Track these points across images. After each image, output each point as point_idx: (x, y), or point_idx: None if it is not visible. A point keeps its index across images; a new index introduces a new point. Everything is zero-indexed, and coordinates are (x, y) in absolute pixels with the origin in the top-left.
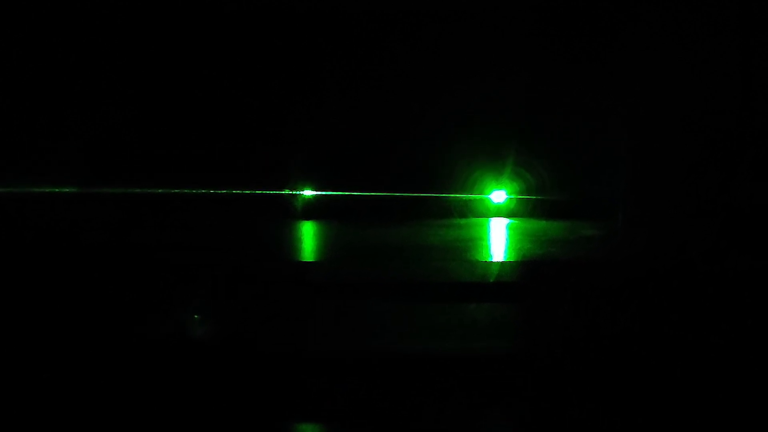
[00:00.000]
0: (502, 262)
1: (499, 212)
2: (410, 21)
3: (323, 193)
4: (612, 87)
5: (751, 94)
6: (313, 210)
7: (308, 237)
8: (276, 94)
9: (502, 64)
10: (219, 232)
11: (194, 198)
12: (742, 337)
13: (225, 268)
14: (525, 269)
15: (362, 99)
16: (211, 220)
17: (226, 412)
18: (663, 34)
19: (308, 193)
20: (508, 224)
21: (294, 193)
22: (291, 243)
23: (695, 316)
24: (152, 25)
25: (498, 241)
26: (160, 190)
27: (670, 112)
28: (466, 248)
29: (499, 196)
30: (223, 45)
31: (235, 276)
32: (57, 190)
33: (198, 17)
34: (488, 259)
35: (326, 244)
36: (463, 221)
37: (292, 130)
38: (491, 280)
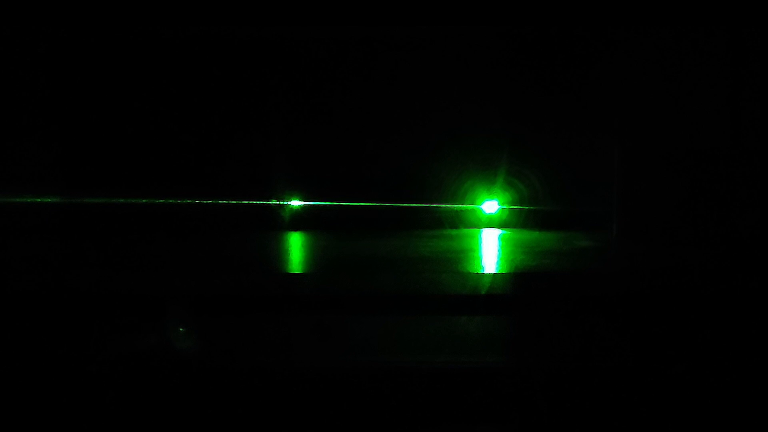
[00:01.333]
0: (494, 274)
1: (491, 223)
2: (407, 29)
3: (311, 203)
4: (606, 97)
5: (740, 121)
6: (300, 221)
7: (296, 248)
8: (264, 102)
9: (493, 73)
10: (204, 244)
11: (179, 208)
12: (738, 348)
13: (211, 280)
14: (518, 281)
15: (352, 108)
16: (197, 230)
17: (211, 427)
18: (657, 47)
19: (296, 203)
20: (500, 235)
21: (281, 203)
22: (278, 255)
23: (691, 329)
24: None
25: (490, 252)
26: (144, 200)
27: (662, 126)
28: (457, 260)
29: (491, 206)
30: (212, 55)
31: (220, 288)
32: (40, 200)
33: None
34: (480, 271)
35: (314, 256)
36: (454, 232)
37: (279, 138)
38: (483, 293)
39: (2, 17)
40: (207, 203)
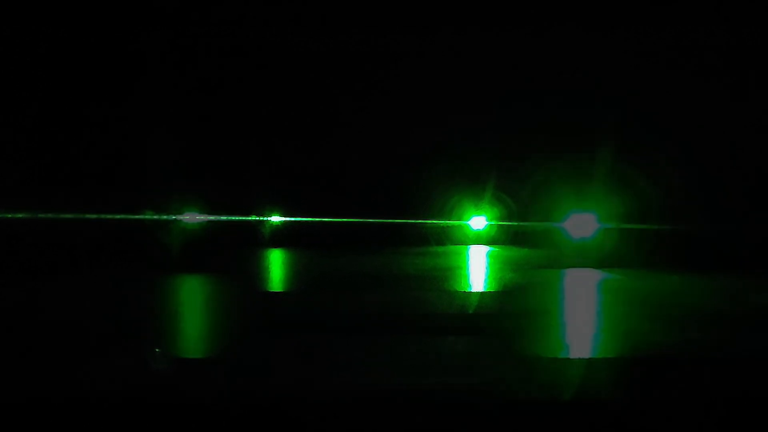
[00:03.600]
0: (482, 292)
1: (479, 239)
2: (393, 48)
3: (293, 219)
4: (605, 99)
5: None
6: (282, 237)
7: (276, 266)
8: (248, 114)
9: (484, 86)
10: (185, 259)
11: (160, 224)
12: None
13: (190, 296)
14: (507, 299)
15: (337, 122)
16: (177, 246)
17: None
18: (656, 47)
19: (277, 219)
20: (488, 252)
21: (262, 219)
22: (259, 272)
23: (685, 343)
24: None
25: (478, 269)
26: (120, 216)
27: (663, 127)
28: (444, 277)
29: (478, 222)
30: (201, 66)
31: (201, 306)
32: (12, 215)
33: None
34: (468, 289)
35: (296, 274)
36: (441, 249)
37: (262, 152)
38: (471, 311)
39: None
40: (187, 218)
